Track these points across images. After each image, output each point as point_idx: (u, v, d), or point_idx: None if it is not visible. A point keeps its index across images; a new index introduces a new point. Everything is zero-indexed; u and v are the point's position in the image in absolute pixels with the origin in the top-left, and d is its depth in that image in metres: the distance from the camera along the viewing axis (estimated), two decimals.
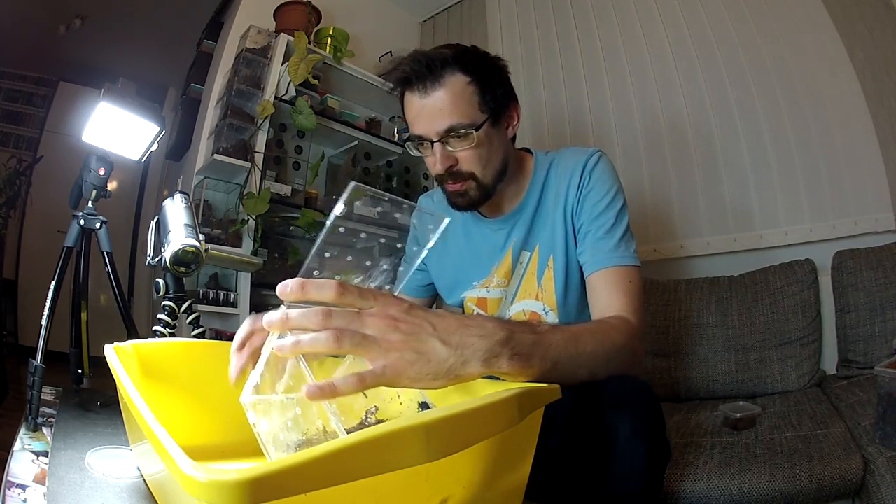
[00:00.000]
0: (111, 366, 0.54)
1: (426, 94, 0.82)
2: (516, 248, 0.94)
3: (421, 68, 0.81)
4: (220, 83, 2.09)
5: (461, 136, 0.82)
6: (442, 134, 0.82)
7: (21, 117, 3.52)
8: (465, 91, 0.82)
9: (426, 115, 0.82)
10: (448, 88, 0.81)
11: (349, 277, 0.53)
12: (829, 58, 1.59)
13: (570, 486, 0.64)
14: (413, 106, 0.84)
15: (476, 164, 0.85)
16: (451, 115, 0.81)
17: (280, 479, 0.28)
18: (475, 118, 0.82)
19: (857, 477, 0.89)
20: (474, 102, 0.82)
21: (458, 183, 0.86)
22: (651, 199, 1.92)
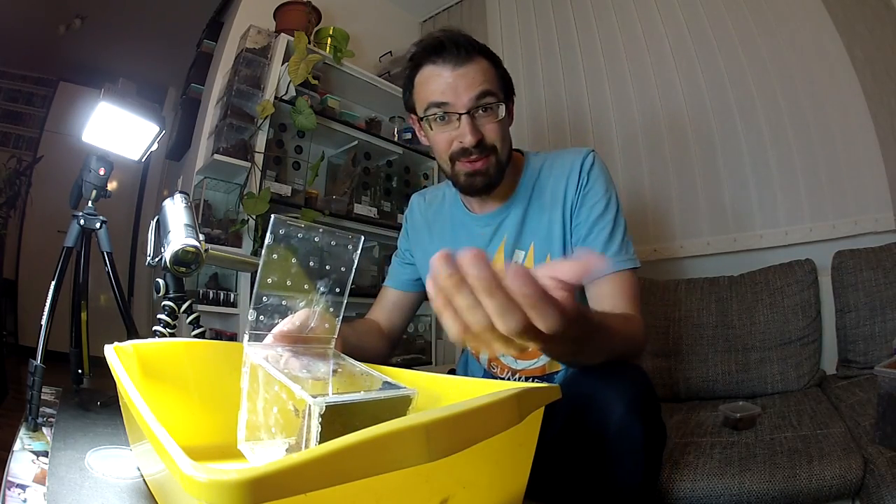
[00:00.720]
0: (111, 366, 0.54)
1: (458, 65, 0.84)
2: (508, 247, 0.94)
3: (458, 38, 0.85)
4: (220, 83, 2.09)
5: (489, 107, 0.85)
6: (474, 101, 0.83)
7: (21, 117, 3.52)
8: (490, 69, 0.86)
9: (457, 85, 0.84)
10: (478, 63, 0.85)
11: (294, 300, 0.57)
12: (829, 58, 1.59)
13: (569, 473, 0.65)
14: (442, 76, 0.85)
15: (499, 138, 0.87)
16: (482, 83, 0.84)
17: (280, 479, 0.28)
18: (500, 91, 0.87)
19: (857, 477, 0.89)
20: (497, 80, 0.87)
21: (482, 159, 0.87)
22: (651, 199, 1.92)
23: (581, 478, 0.64)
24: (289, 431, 0.51)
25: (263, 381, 0.54)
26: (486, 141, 0.86)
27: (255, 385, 0.56)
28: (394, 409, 0.52)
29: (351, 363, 0.63)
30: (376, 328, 1.07)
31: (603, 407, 0.60)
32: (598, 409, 0.60)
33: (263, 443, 0.54)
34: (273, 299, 0.59)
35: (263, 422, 0.54)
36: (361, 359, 0.68)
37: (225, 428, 0.62)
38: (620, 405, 0.59)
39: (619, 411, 0.59)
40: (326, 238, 0.60)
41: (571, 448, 0.64)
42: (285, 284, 0.58)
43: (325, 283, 0.60)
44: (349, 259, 0.61)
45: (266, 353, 0.58)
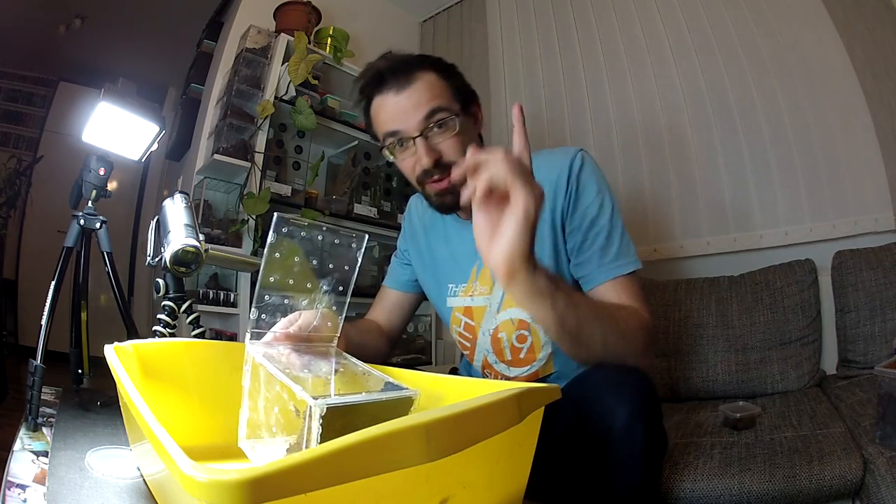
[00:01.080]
0: (111, 366, 0.54)
1: (401, 90, 0.83)
2: None
3: (395, 64, 0.84)
4: (220, 83, 2.09)
5: (442, 123, 0.82)
6: (423, 123, 0.82)
7: (21, 117, 3.52)
8: (438, 82, 0.84)
9: (404, 109, 0.82)
10: (423, 81, 0.83)
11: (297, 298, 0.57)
12: (829, 58, 1.59)
13: (571, 475, 0.65)
14: (388, 105, 0.84)
15: (460, 153, 0.83)
16: (429, 102, 0.82)
17: (280, 479, 0.28)
18: (452, 104, 0.84)
19: (857, 477, 0.89)
20: (448, 92, 0.85)
21: (445, 178, 0.84)
22: (651, 199, 1.92)
23: (582, 481, 0.64)
24: (289, 431, 0.51)
25: (265, 380, 0.54)
26: (445, 158, 0.83)
27: (256, 384, 0.56)
28: (395, 410, 0.52)
29: (353, 363, 0.63)
30: (376, 328, 1.07)
31: (606, 412, 0.60)
32: (601, 414, 0.60)
33: (264, 441, 0.54)
34: (275, 298, 0.59)
35: (264, 420, 0.54)
36: (362, 357, 0.68)
37: (225, 428, 0.62)
38: (624, 411, 0.59)
39: (622, 417, 0.59)
40: (330, 237, 0.59)
41: (573, 451, 0.64)
42: (288, 283, 0.58)
43: (327, 282, 0.60)
44: (352, 258, 0.61)
45: (268, 351, 0.58)
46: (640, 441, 0.59)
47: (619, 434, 0.59)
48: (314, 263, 0.59)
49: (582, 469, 0.63)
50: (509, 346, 0.93)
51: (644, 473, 0.60)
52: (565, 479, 0.65)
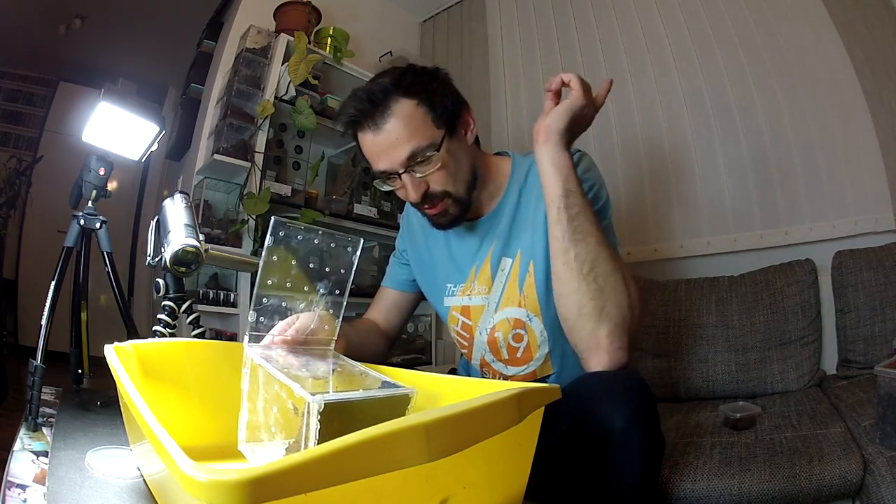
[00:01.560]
0: (111, 366, 0.54)
1: (378, 129, 0.81)
2: (496, 254, 0.92)
3: (364, 105, 0.81)
4: (220, 83, 2.09)
5: (425, 159, 0.82)
6: (405, 163, 0.81)
7: (21, 117, 3.52)
8: (416, 113, 0.81)
9: (384, 150, 0.82)
10: (397, 116, 0.80)
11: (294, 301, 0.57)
12: (829, 58, 1.59)
13: (569, 480, 0.65)
14: (368, 144, 0.84)
15: (447, 181, 0.85)
16: (408, 140, 0.80)
17: (280, 479, 0.28)
18: (433, 137, 0.82)
19: (857, 477, 0.89)
20: (427, 121, 0.82)
21: (436, 206, 0.86)
22: (651, 199, 1.92)
23: (581, 483, 0.64)
24: (288, 431, 0.51)
25: (263, 380, 0.54)
26: (433, 189, 0.84)
27: (255, 385, 0.56)
28: (393, 407, 0.52)
29: (350, 363, 0.63)
30: (375, 327, 1.07)
31: (605, 416, 0.60)
32: (600, 419, 0.60)
33: (264, 443, 0.54)
34: (273, 300, 0.59)
35: (263, 422, 0.54)
36: (361, 358, 0.68)
37: (225, 428, 0.62)
38: (622, 416, 0.59)
39: (620, 421, 0.59)
40: (326, 240, 0.60)
41: (572, 454, 0.64)
42: (285, 286, 0.58)
43: (324, 285, 0.60)
44: (349, 261, 0.61)
45: (266, 353, 0.58)
46: (638, 445, 0.59)
47: (618, 438, 0.59)
48: (311, 266, 0.59)
49: (581, 471, 0.63)
50: (506, 346, 0.93)
51: (642, 476, 0.60)
52: (565, 480, 0.65)
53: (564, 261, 0.74)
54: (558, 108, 0.77)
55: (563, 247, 0.74)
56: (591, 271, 0.72)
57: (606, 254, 0.74)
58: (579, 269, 0.72)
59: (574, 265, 0.73)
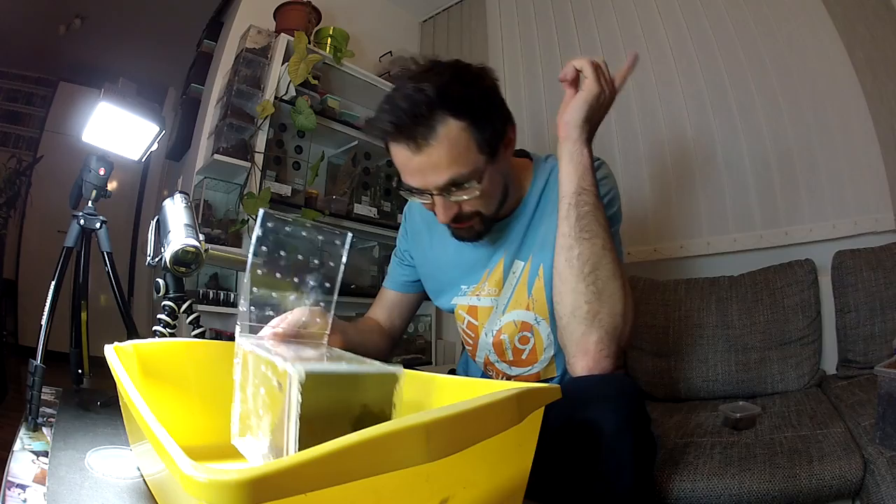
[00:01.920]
0: (111, 366, 0.54)
1: (418, 149, 0.73)
2: (509, 258, 0.92)
3: (405, 119, 0.72)
4: (220, 83, 2.09)
5: (463, 187, 0.77)
6: (441, 188, 0.76)
7: (21, 117, 3.52)
8: (461, 138, 0.73)
9: (420, 171, 0.75)
10: (441, 139, 0.72)
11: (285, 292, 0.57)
12: (829, 58, 1.59)
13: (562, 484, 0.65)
14: (402, 158, 0.76)
15: (481, 205, 0.81)
16: (449, 167, 0.74)
17: (280, 479, 0.28)
18: (476, 164, 0.76)
19: (857, 477, 0.89)
20: (472, 148, 0.75)
21: (463, 224, 0.83)
22: (651, 200, 1.92)
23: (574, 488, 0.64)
24: (274, 411, 0.49)
25: (252, 364, 0.53)
26: (465, 210, 0.81)
27: (245, 373, 0.55)
28: (380, 385, 0.49)
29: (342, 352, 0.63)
30: (377, 327, 1.07)
31: (595, 422, 0.60)
32: (590, 424, 0.60)
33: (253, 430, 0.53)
34: (263, 291, 0.58)
35: (252, 407, 0.53)
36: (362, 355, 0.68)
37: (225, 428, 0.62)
38: (612, 421, 0.59)
39: (611, 428, 0.59)
40: (314, 233, 0.60)
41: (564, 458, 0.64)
42: (275, 277, 0.58)
43: (314, 278, 0.60)
44: (338, 254, 0.61)
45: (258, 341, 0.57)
46: (628, 450, 0.59)
47: (608, 446, 0.59)
48: (300, 258, 0.59)
49: (573, 476, 0.63)
50: (511, 347, 0.92)
51: (634, 481, 0.60)
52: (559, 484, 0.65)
53: (567, 258, 0.73)
54: (575, 100, 0.77)
55: (568, 244, 0.73)
56: (592, 273, 0.72)
57: (610, 258, 0.73)
58: (580, 268, 0.72)
59: (576, 264, 0.72)
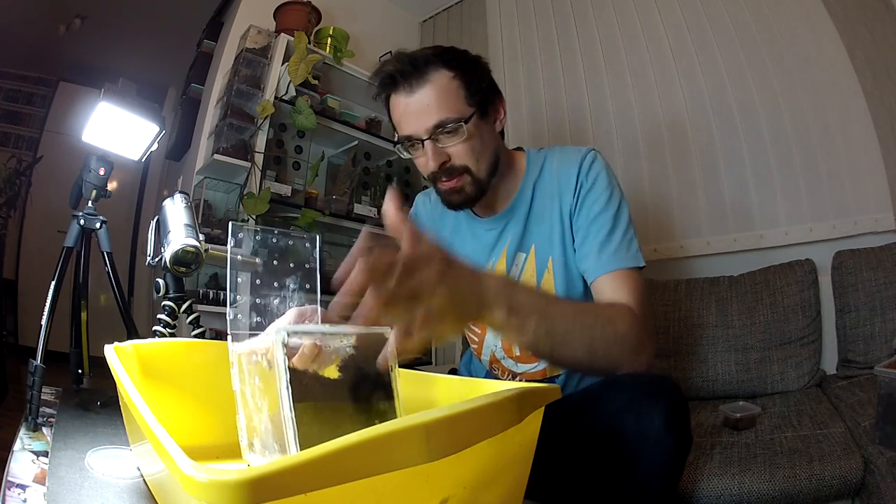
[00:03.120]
0: (111, 366, 0.54)
1: (412, 92, 0.82)
2: (511, 250, 0.93)
3: (405, 66, 0.82)
4: (220, 83, 2.09)
5: (451, 130, 0.82)
6: (431, 130, 0.82)
7: (21, 117, 3.52)
8: (451, 85, 0.82)
9: (413, 113, 0.82)
10: (433, 84, 0.81)
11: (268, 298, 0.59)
12: (829, 58, 1.59)
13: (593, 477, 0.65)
14: (399, 106, 0.84)
15: (469, 157, 0.84)
16: (438, 110, 0.81)
17: (280, 479, 0.28)
18: (463, 111, 0.82)
19: (857, 477, 0.89)
20: (460, 96, 0.83)
21: (453, 179, 0.85)
22: (651, 199, 1.92)
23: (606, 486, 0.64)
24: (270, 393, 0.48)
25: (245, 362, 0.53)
26: (454, 162, 0.84)
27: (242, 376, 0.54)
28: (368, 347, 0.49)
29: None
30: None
31: (640, 420, 0.60)
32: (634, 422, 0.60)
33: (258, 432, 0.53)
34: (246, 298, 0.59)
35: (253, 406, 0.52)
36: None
37: (225, 428, 0.62)
38: (658, 419, 0.59)
39: (658, 427, 0.59)
40: (283, 238, 0.61)
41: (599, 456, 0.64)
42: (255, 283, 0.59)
43: (293, 280, 0.61)
44: (311, 257, 0.62)
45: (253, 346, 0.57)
46: (671, 449, 0.60)
47: (653, 443, 0.59)
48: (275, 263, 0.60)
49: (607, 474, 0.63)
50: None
51: (672, 479, 0.61)
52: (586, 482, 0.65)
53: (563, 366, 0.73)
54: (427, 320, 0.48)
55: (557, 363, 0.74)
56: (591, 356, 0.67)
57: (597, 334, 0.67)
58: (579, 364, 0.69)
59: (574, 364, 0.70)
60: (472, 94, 0.84)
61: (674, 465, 0.60)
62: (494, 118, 0.90)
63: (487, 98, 0.87)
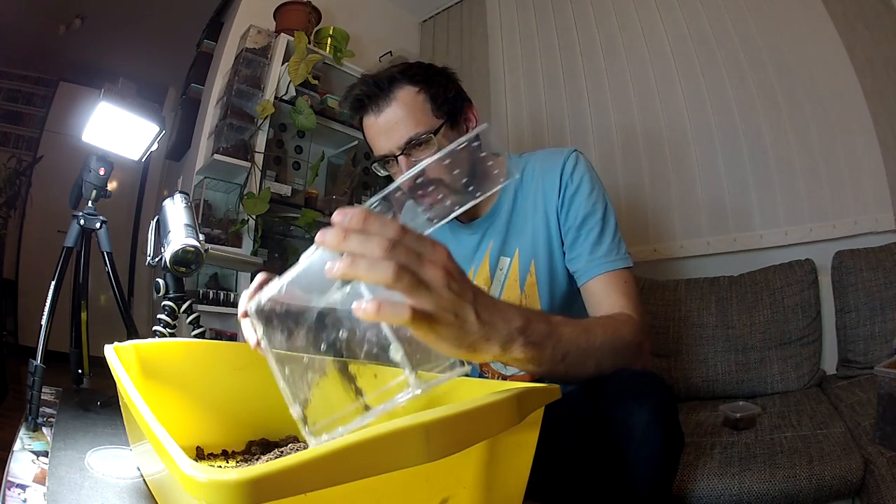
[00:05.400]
0: (111, 366, 0.54)
1: (380, 112, 0.85)
2: (494, 254, 0.93)
3: (370, 88, 0.85)
4: (220, 83, 2.09)
5: (422, 143, 0.84)
6: (402, 147, 0.84)
7: (21, 117, 3.52)
8: (416, 100, 0.84)
9: (384, 132, 0.85)
10: (399, 101, 0.84)
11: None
12: (829, 58, 1.59)
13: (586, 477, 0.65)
14: (371, 127, 0.87)
15: (441, 170, 0.81)
16: (407, 125, 0.83)
17: (280, 479, 0.28)
18: (431, 124, 0.85)
19: (857, 477, 0.89)
20: (427, 110, 0.85)
21: (430, 195, 0.82)
22: (651, 199, 1.92)
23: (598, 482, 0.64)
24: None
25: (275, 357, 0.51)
26: (428, 175, 0.80)
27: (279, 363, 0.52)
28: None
29: None
30: None
31: (626, 415, 0.60)
32: (621, 417, 0.60)
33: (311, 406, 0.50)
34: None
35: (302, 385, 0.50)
36: None
37: (225, 428, 0.62)
38: (644, 414, 0.59)
39: (642, 420, 0.59)
40: None
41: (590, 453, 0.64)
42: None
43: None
44: None
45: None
46: (658, 443, 0.59)
47: (639, 437, 0.59)
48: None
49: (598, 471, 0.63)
50: None
51: (662, 475, 0.61)
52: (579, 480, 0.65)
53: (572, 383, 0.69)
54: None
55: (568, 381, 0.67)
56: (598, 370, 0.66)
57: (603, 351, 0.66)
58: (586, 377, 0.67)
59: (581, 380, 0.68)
60: (439, 106, 0.86)
61: (663, 460, 0.60)
62: (465, 126, 0.91)
63: (455, 107, 0.89)
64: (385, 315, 0.39)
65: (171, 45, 2.97)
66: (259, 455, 0.64)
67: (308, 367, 0.49)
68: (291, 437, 0.70)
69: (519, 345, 0.50)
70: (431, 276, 0.41)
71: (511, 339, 0.49)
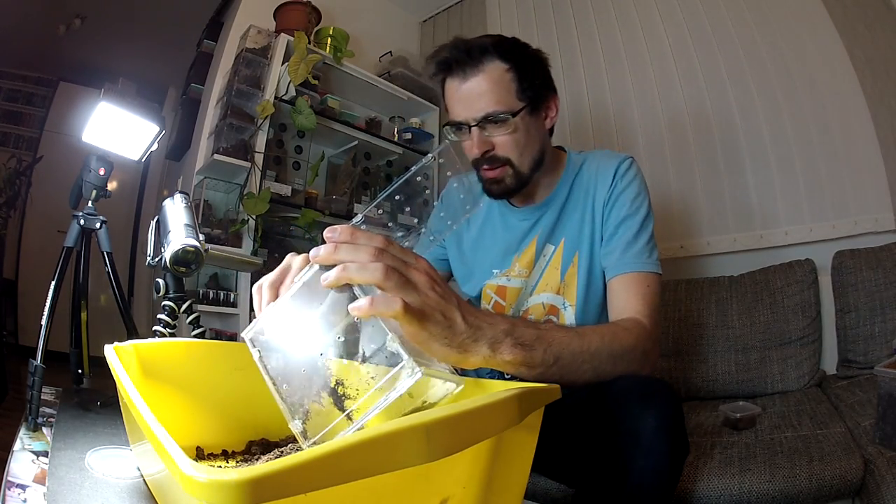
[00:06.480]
0: (111, 366, 0.54)
1: (465, 80, 0.84)
2: (541, 240, 0.95)
3: (460, 54, 0.83)
4: (220, 83, 2.09)
5: (499, 121, 0.83)
6: (479, 119, 0.83)
7: (21, 117, 3.52)
8: (504, 78, 0.83)
9: (464, 100, 0.84)
10: (487, 74, 0.83)
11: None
12: (829, 58, 1.59)
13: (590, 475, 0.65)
14: (452, 91, 0.86)
15: (512, 150, 0.86)
16: (488, 100, 0.83)
17: (280, 479, 0.28)
18: (512, 105, 0.84)
19: (857, 477, 0.89)
20: (512, 90, 0.84)
21: (495, 169, 0.87)
22: (651, 200, 1.92)
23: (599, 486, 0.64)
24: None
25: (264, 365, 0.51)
26: (497, 153, 0.86)
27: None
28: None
29: None
30: None
31: (635, 421, 0.60)
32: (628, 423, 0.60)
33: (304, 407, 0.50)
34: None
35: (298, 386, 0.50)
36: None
37: (225, 428, 0.62)
38: (651, 423, 0.59)
39: (650, 428, 0.59)
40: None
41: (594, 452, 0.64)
42: None
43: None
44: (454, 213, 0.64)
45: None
46: (665, 451, 0.59)
47: (645, 444, 0.59)
48: None
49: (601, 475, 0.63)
50: None
51: (666, 483, 0.60)
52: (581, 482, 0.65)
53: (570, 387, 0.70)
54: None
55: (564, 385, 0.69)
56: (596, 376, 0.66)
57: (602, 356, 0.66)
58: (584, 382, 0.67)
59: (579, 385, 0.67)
60: (525, 89, 0.85)
61: (668, 468, 0.60)
62: (545, 115, 0.91)
63: (539, 94, 0.88)
64: (378, 307, 0.42)
65: (171, 45, 2.97)
66: (259, 455, 0.64)
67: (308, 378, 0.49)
68: (291, 438, 0.70)
69: (507, 346, 0.52)
70: (417, 279, 0.46)
71: (498, 340, 0.51)
